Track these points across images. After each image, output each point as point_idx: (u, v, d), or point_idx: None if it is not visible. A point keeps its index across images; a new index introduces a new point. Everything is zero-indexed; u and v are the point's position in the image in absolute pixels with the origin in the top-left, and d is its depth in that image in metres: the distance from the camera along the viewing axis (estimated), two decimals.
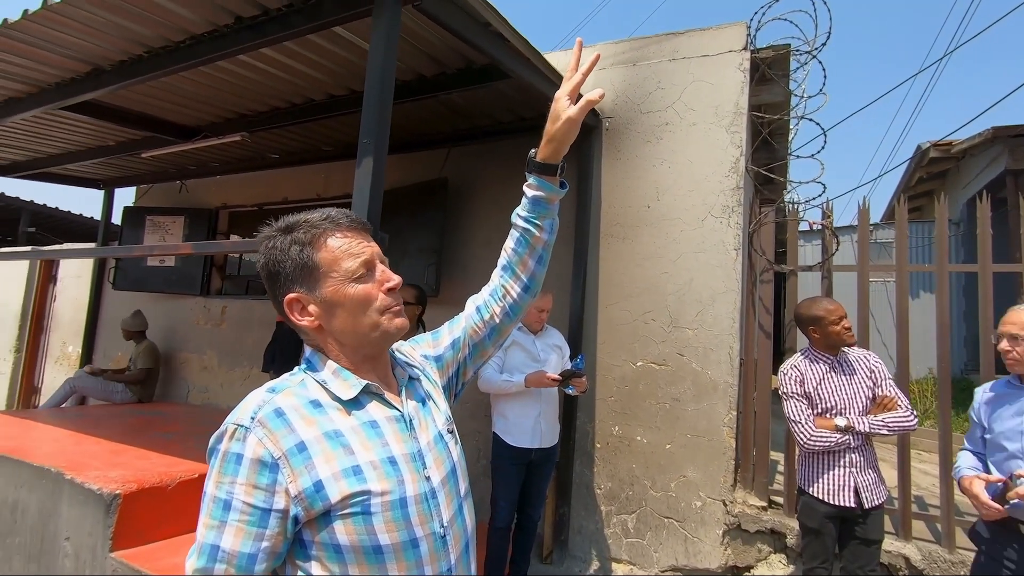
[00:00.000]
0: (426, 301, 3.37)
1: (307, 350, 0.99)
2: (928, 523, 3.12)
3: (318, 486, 0.84)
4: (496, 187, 4.27)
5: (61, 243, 8.06)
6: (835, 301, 2.56)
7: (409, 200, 4.32)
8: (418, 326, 3.32)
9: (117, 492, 2.54)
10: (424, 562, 0.89)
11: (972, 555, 2.81)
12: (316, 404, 0.90)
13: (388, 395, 0.97)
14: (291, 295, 0.93)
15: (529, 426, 3.03)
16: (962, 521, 3.01)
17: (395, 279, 0.97)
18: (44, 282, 7.28)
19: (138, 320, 5.50)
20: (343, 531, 0.84)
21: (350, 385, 0.93)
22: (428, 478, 0.94)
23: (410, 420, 0.97)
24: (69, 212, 8.82)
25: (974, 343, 7.27)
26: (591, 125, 3.80)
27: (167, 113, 4.03)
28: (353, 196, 1.96)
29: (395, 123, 2.33)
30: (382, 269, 0.97)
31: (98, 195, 6.35)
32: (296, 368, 0.98)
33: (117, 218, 6.72)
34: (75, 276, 6.86)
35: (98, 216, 6.45)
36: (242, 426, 0.85)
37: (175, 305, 5.88)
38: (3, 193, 7.78)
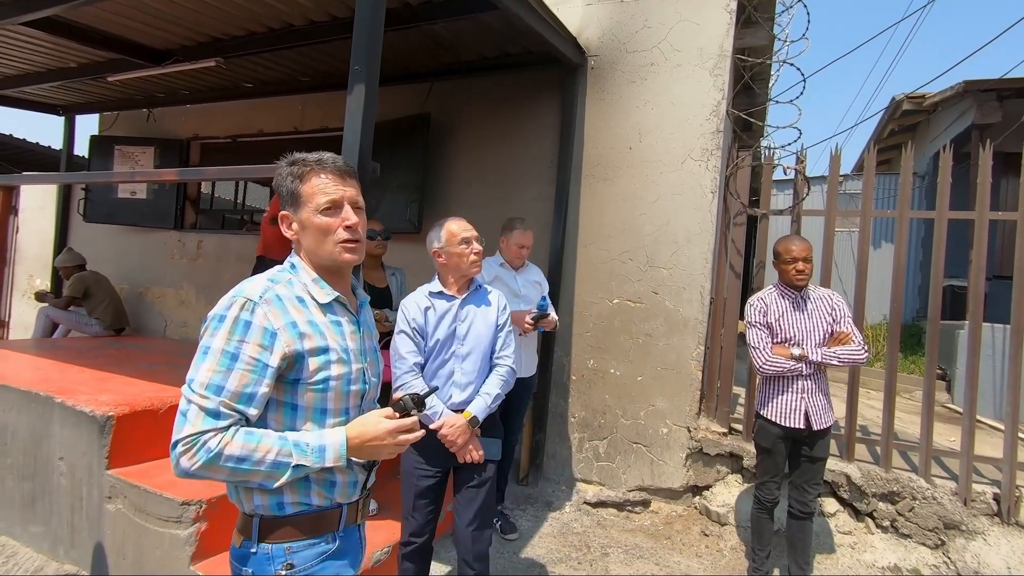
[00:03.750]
0: (388, 237, 3.20)
1: (292, 255, 1.25)
2: (869, 447, 3.43)
3: (300, 356, 1.13)
4: (479, 123, 4.25)
5: (19, 172, 7.68)
6: (803, 243, 2.68)
7: (391, 135, 4.27)
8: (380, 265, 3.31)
9: (110, 414, 2.62)
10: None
11: (907, 474, 3.14)
12: (301, 300, 1.18)
13: (350, 305, 1.26)
14: (283, 212, 1.23)
15: None
16: (899, 444, 3.33)
17: (353, 219, 1.19)
18: (3, 212, 6.98)
19: (71, 256, 5.41)
20: (305, 396, 1.16)
21: (326, 293, 1.21)
22: (365, 371, 1.25)
23: (362, 327, 1.28)
24: (25, 140, 8.35)
25: (927, 292, 7.68)
26: (576, 63, 3.78)
27: (136, 34, 3.83)
28: (345, 125, 1.97)
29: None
30: (348, 210, 1.20)
31: (56, 125, 6.06)
32: (282, 267, 1.24)
33: (79, 148, 6.45)
34: (38, 207, 6.62)
35: (56, 146, 6.16)
36: (252, 300, 1.11)
37: (149, 239, 5.77)
38: None
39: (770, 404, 2.67)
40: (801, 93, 3.64)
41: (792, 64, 3.74)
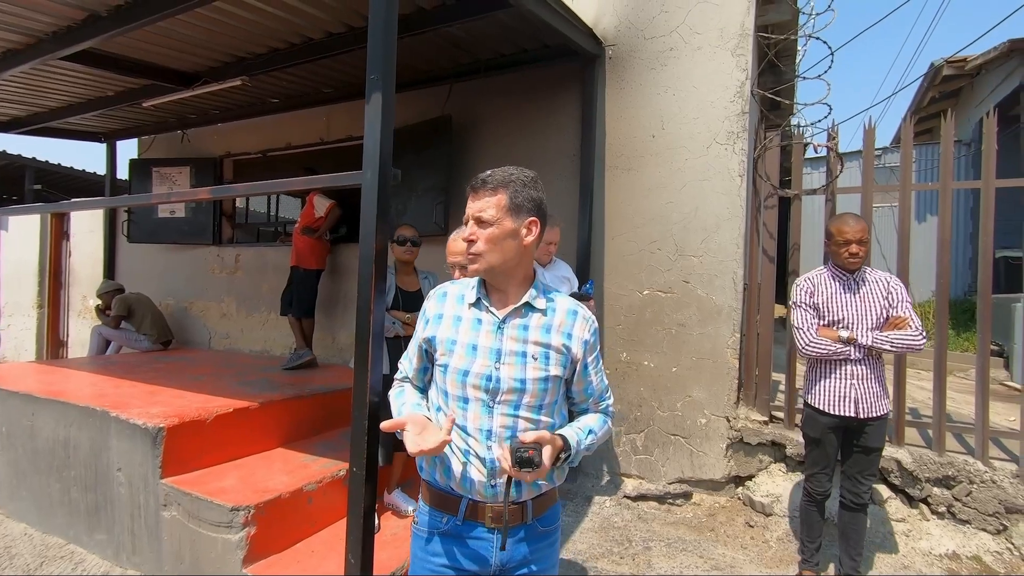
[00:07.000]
0: (418, 243, 3.15)
1: None
2: (920, 430, 3.30)
3: (433, 340, 1.39)
4: (500, 121, 4.26)
5: (68, 199, 8.10)
6: (858, 223, 2.53)
7: (414, 139, 4.32)
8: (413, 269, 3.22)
9: (161, 426, 2.73)
10: (468, 415, 1.34)
11: (962, 458, 3.00)
12: (461, 298, 1.41)
13: (493, 308, 1.37)
14: None
15: None
16: (953, 426, 3.19)
17: (465, 233, 1.36)
18: (57, 238, 7.35)
19: (107, 284, 5.90)
20: (436, 374, 1.41)
21: (472, 294, 1.40)
22: (498, 368, 1.32)
23: (501, 326, 1.35)
24: (72, 168, 8.78)
25: None
26: (594, 54, 3.74)
27: (166, 59, 3.99)
28: (364, 134, 2.00)
29: (396, 60, 2.32)
30: (469, 225, 1.36)
31: (99, 152, 6.36)
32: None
33: (120, 172, 6.76)
34: (88, 231, 6.96)
35: (100, 171, 6.46)
36: (429, 296, 1.46)
37: (190, 255, 5.99)
38: (5, 151, 7.75)
39: (815, 389, 2.57)
40: (829, 67, 3.51)
41: (818, 38, 3.61)
